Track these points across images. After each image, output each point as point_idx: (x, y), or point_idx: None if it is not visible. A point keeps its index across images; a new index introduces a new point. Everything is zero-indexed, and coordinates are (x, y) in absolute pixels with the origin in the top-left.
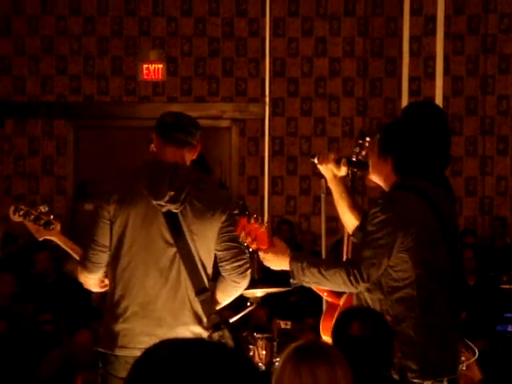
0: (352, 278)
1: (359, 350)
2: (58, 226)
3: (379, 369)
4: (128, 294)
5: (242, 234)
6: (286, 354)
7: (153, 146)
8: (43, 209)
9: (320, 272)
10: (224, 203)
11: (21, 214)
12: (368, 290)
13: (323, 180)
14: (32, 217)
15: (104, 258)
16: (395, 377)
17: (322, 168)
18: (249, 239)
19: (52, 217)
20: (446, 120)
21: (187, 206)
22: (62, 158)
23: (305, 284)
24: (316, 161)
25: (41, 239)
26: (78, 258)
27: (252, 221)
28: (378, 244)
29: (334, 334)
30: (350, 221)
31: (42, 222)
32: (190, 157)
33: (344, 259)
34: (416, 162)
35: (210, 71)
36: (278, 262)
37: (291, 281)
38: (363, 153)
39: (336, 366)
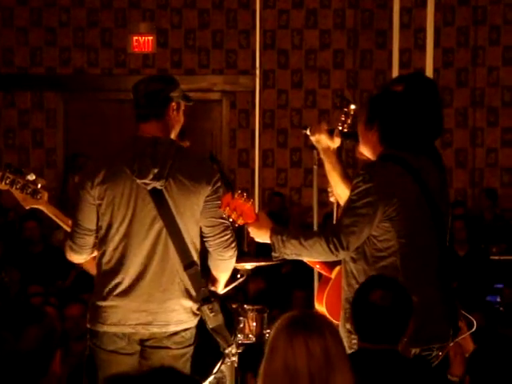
0: (332, 246)
1: (374, 316)
2: (46, 195)
3: (387, 340)
4: (118, 272)
5: (227, 210)
6: (279, 326)
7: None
8: (30, 177)
9: (300, 243)
10: (208, 174)
11: (7, 182)
12: (353, 260)
13: (315, 151)
14: (19, 185)
15: (90, 240)
16: None
17: (315, 139)
18: (234, 215)
19: (40, 186)
20: (436, 91)
21: (171, 181)
22: (51, 130)
23: (286, 257)
24: (308, 132)
25: (27, 208)
26: (65, 227)
27: (236, 196)
28: (359, 213)
29: (356, 295)
30: (342, 192)
31: (29, 190)
32: (171, 124)
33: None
34: (401, 131)
35: (200, 43)
36: (260, 236)
37: (273, 254)
38: (349, 121)
39: (327, 335)
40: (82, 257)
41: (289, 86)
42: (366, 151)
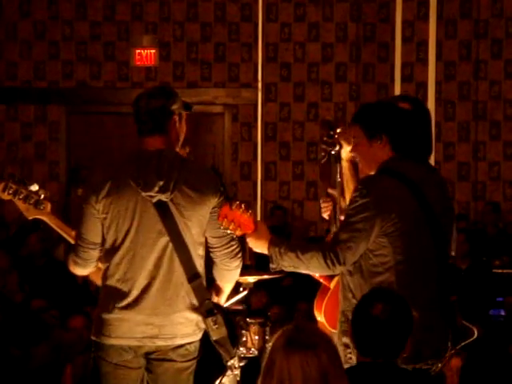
0: (329, 261)
1: (374, 329)
2: (49, 206)
3: (387, 354)
4: (123, 285)
5: (225, 222)
6: (276, 344)
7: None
8: (33, 188)
9: (297, 256)
10: (214, 185)
11: (10, 192)
12: (350, 274)
13: (339, 164)
14: (22, 195)
15: (94, 254)
16: None
17: (348, 142)
18: (232, 226)
19: (43, 196)
20: (428, 115)
21: (177, 193)
22: (54, 143)
23: (284, 269)
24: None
25: (30, 218)
26: (68, 238)
27: (234, 208)
28: (356, 228)
29: (357, 307)
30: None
31: (32, 200)
32: (175, 136)
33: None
34: (412, 139)
35: (202, 56)
36: (259, 246)
37: (270, 265)
38: (337, 148)
39: (323, 354)
40: (85, 270)
41: (291, 99)
42: (369, 167)
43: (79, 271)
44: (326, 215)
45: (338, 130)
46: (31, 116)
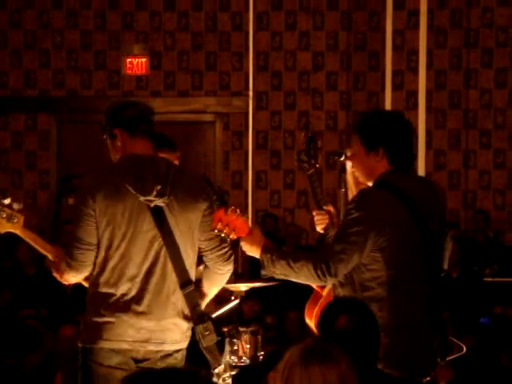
0: (319, 271)
1: (346, 342)
2: (22, 220)
3: (367, 361)
4: (117, 290)
5: (219, 226)
6: (294, 358)
7: (117, 141)
8: (6, 201)
9: (289, 264)
10: (205, 191)
11: None
12: (341, 285)
13: (343, 175)
14: None
15: (91, 256)
16: None
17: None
18: (226, 230)
19: (16, 210)
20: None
21: (172, 198)
22: (45, 152)
23: (275, 276)
24: (343, 158)
25: (3, 232)
26: (42, 251)
27: (229, 212)
28: (349, 240)
29: (321, 327)
30: None
31: (5, 214)
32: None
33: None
34: (406, 151)
35: (193, 65)
36: (252, 251)
37: (261, 271)
38: (314, 167)
39: (342, 362)
40: (78, 275)
41: (282, 108)
42: (364, 178)
43: (72, 276)
44: (319, 228)
45: (319, 144)
46: (21, 125)
